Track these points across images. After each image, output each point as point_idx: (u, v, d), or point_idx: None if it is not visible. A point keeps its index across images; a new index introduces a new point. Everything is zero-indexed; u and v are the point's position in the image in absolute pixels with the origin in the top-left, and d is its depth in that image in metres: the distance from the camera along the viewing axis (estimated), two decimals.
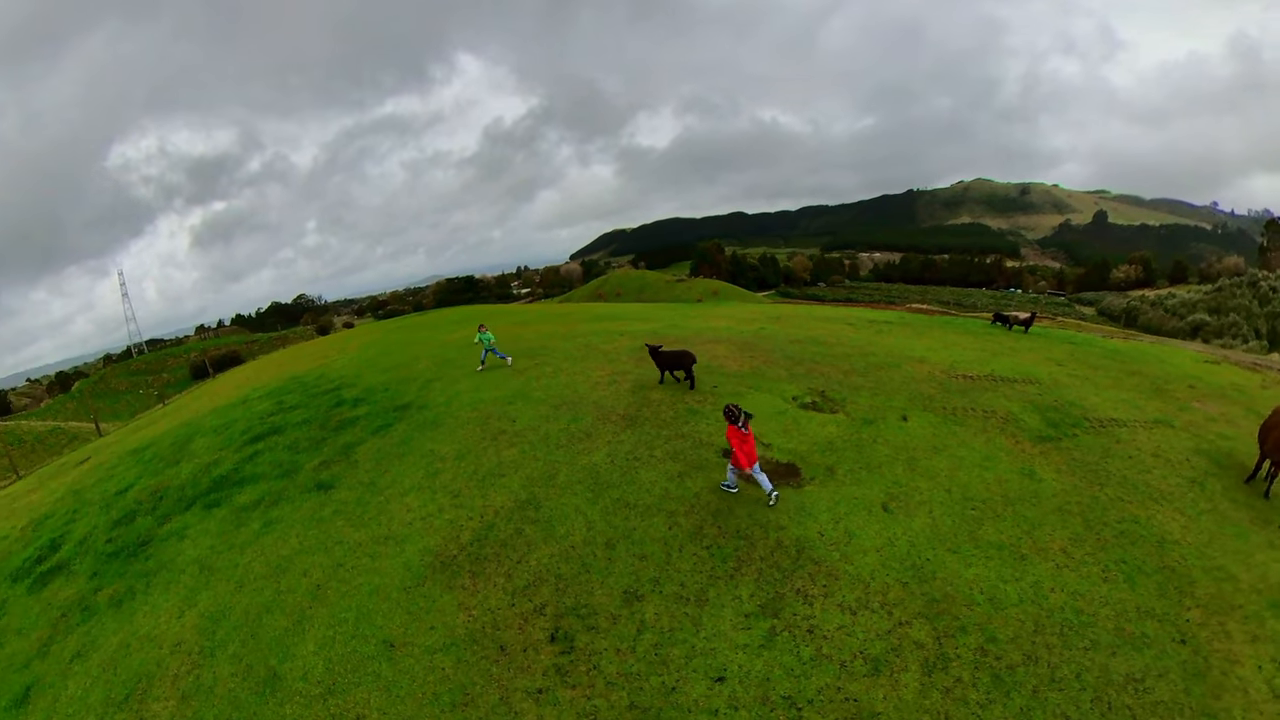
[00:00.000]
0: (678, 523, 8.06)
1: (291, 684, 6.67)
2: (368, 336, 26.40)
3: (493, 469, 9.59)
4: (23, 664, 8.75)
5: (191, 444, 14.72)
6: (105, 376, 77.37)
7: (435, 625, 6.92)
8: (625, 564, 7.46)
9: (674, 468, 9.21)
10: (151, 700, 7.13)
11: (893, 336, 18.49)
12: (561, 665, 6.32)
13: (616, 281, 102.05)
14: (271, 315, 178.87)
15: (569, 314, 25.87)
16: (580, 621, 6.77)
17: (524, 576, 7.43)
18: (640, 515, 8.22)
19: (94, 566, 10.50)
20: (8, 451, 32.68)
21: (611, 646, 6.45)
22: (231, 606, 8.06)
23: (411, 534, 8.45)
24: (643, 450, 9.73)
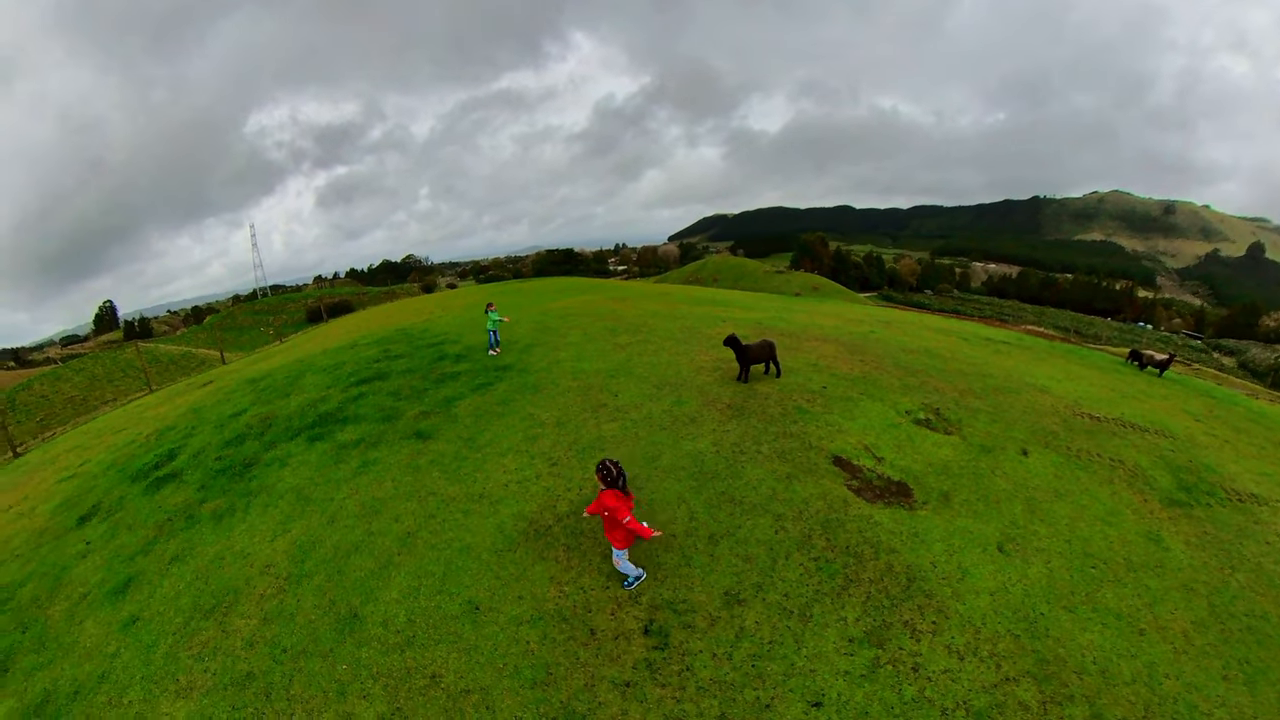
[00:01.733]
0: (785, 528, 7.34)
1: (371, 628, 6.42)
2: (471, 298, 26.71)
3: (593, 441, 9.12)
4: (128, 557, 9.19)
5: (302, 379, 15.17)
6: (232, 313, 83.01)
7: (524, 595, 6.47)
8: (728, 563, 6.82)
9: (782, 468, 8.48)
10: (235, 615, 7.17)
11: (1011, 359, 16.92)
12: (653, 661, 5.77)
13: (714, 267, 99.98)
14: (382, 272, 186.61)
15: (668, 294, 25.13)
16: (677, 617, 6.20)
17: None
18: (746, 513, 7.56)
19: (202, 480, 10.89)
20: (145, 368, 35.54)
21: (708, 649, 5.87)
22: (322, 540, 7.96)
23: (506, 496, 8.07)
24: (749, 444, 9.04)
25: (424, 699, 5.65)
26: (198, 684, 6.52)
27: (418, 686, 5.76)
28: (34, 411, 41.20)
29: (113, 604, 8.34)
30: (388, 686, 5.84)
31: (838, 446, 9.15)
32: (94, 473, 13.85)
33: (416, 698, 5.65)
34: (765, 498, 7.84)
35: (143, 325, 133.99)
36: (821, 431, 9.52)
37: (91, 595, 8.77)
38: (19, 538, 11.84)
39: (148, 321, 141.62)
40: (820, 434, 9.44)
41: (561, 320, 16.85)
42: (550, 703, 5.46)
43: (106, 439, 17.80)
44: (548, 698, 5.48)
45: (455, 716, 5.45)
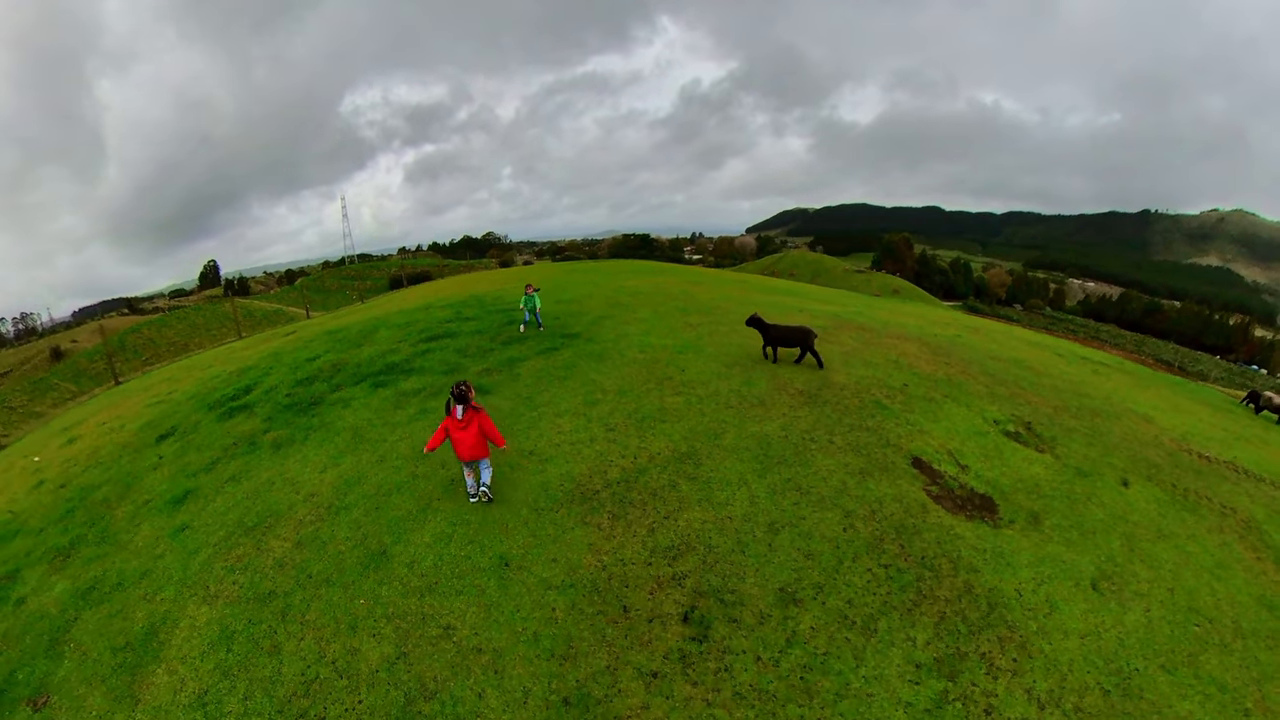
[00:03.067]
0: (854, 526, 6.52)
1: (396, 568, 6.13)
2: (545, 272, 26.64)
3: (654, 412, 8.52)
4: (191, 473, 9.67)
5: (376, 334, 15.43)
6: (321, 277, 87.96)
7: (557, 559, 5.95)
8: (787, 556, 6.05)
9: (856, 462, 7.64)
10: (273, 537, 7.23)
11: (1111, 381, 15.26)
12: (688, 653, 5.09)
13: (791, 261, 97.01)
14: (462, 246, 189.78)
15: (744, 281, 24.37)
16: (723, 608, 5.48)
17: (669, 536, 6.22)
18: (812, 505, 6.77)
19: (270, 412, 11.16)
20: (238, 319, 37.68)
21: (752, 650, 5.14)
22: (368, 476, 7.82)
23: (557, 456, 7.61)
24: (821, 433, 8.23)
25: (432, 648, 5.27)
26: (224, 593, 6.63)
27: (429, 635, 5.39)
28: (141, 351, 44.76)
29: (169, 513, 8.77)
30: (399, 629, 5.53)
31: (917, 447, 8.25)
32: (179, 400, 14.66)
33: (425, 646, 5.29)
34: (835, 491, 7.04)
35: (241, 283, 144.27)
36: (901, 430, 8.63)
37: (153, 503, 9.27)
38: (106, 449, 12.70)
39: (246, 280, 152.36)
40: (899, 432, 8.55)
41: (633, 297, 16.44)
42: (565, 679, 4.90)
43: (195, 373, 18.84)
44: (563, 673, 4.93)
45: (460, 673, 5.02)
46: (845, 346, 11.20)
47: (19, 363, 76.01)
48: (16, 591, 8.33)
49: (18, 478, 14.17)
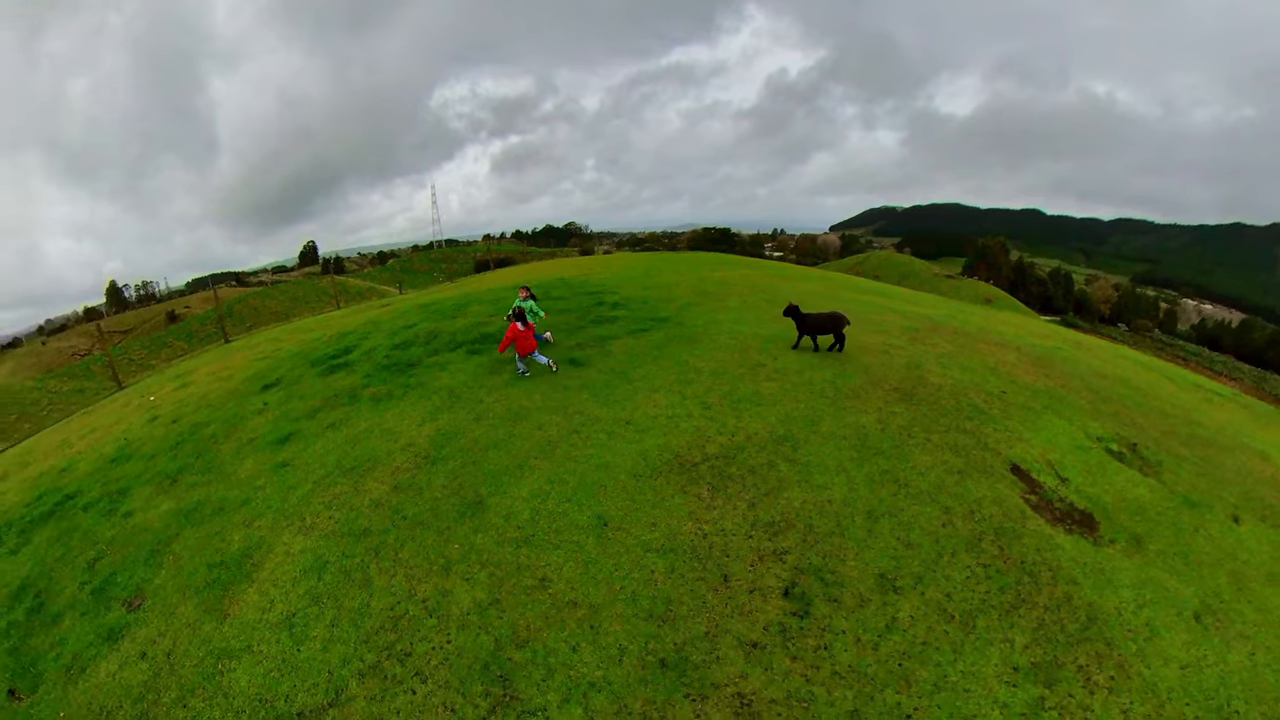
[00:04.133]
0: (953, 523, 6.15)
1: (492, 518, 6.15)
2: (629, 261, 26.68)
3: (749, 395, 8.27)
4: (294, 418, 10.18)
5: (468, 308, 15.78)
6: (411, 259, 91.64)
7: (657, 523, 5.78)
8: (887, 544, 5.76)
9: (954, 461, 7.22)
10: (370, 479, 7.46)
11: (1225, 412, 13.87)
12: (788, 627, 4.87)
13: (877, 262, 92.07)
14: (544, 235, 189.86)
15: (830, 279, 23.54)
16: (823, 587, 5.24)
17: (770, 512, 5.99)
18: (910, 498, 6.43)
19: (369, 370, 11.54)
20: (336, 292, 39.65)
21: (852, 631, 4.90)
22: (465, 431, 7.93)
23: (654, 427, 7.46)
24: (918, 430, 7.81)
25: (527, 598, 5.22)
26: (320, 526, 6.90)
27: (524, 585, 5.34)
28: (246, 318, 48.24)
29: (272, 451, 9.26)
30: (493, 576, 5.51)
31: (1017, 455, 7.73)
32: (283, 357, 15.39)
33: (520, 595, 5.24)
34: (933, 487, 6.68)
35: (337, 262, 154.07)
36: (999, 435, 8.11)
37: (257, 441, 9.82)
38: (215, 394, 13.52)
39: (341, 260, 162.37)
40: (998, 437, 8.04)
41: (720, 287, 16.19)
42: (663, 640, 4.75)
43: (298, 336, 19.68)
44: (660, 634, 4.78)
45: (555, 624, 4.93)
46: (940, 349, 10.63)
47: (139, 323, 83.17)
48: (125, 506, 9.07)
49: (134, 412, 15.32)
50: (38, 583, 8.13)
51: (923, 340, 10.90)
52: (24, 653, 6.97)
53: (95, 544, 8.23)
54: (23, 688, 6.47)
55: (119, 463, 11.19)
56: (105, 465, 11.48)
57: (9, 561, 8.96)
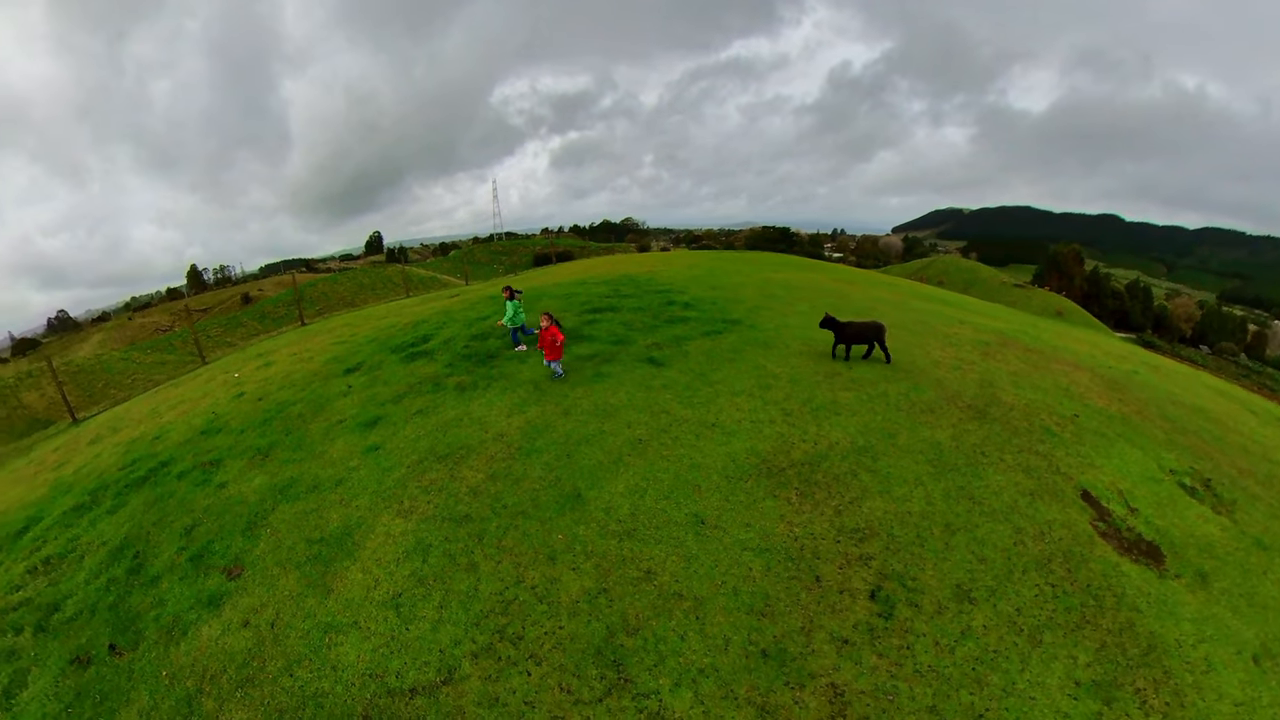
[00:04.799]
0: (1024, 542, 6.30)
1: (593, 511, 6.41)
2: (691, 259, 26.56)
3: (827, 403, 8.41)
4: (380, 403, 10.47)
5: (540, 302, 15.96)
6: (472, 251, 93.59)
7: (751, 524, 6.03)
8: (962, 557, 5.96)
9: (1026, 482, 7.27)
10: (465, 467, 7.71)
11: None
12: (875, 627, 5.15)
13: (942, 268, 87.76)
14: (601, 230, 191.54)
15: (895, 285, 23.21)
16: (905, 593, 5.49)
17: (854, 519, 6.20)
18: (984, 515, 6.58)
19: (450, 359, 11.88)
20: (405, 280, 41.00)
21: (931, 635, 5.16)
22: (555, 426, 8.17)
23: (739, 431, 7.68)
24: (991, 449, 7.85)
25: (634, 589, 5.48)
26: (419, 510, 7.15)
27: (630, 576, 5.59)
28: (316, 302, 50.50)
29: (360, 433, 9.53)
30: (600, 567, 5.76)
31: (1087, 481, 7.74)
32: (360, 342, 15.80)
33: (627, 586, 5.49)
34: (1006, 506, 6.81)
35: (401, 252, 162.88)
36: (1071, 460, 8.11)
37: (345, 423, 10.09)
38: (297, 374, 13.96)
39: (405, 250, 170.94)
40: (1069, 462, 8.05)
41: (786, 290, 16.13)
42: (764, 633, 5.02)
43: (372, 322, 20.25)
44: (762, 628, 5.05)
45: (663, 615, 5.19)
46: (1012, 366, 10.52)
47: (217, 303, 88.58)
48: (218, 477, 9.44)
49: (219, 388, 15.89)
50: (135, 543, 8.43)
51: (994, 356, 10.81)
52: (124, 610, 7.23)
53: (190, 511, 8.57)
54: (123, 644, 6.69)
55: (209, 435, 11.61)
56: (196, 436, 11.90)
57: (108, 521, 9.36)
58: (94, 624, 7.28)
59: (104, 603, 7.50)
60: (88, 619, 7.37)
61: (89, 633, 7.16)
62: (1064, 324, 22.05)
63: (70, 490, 11.23)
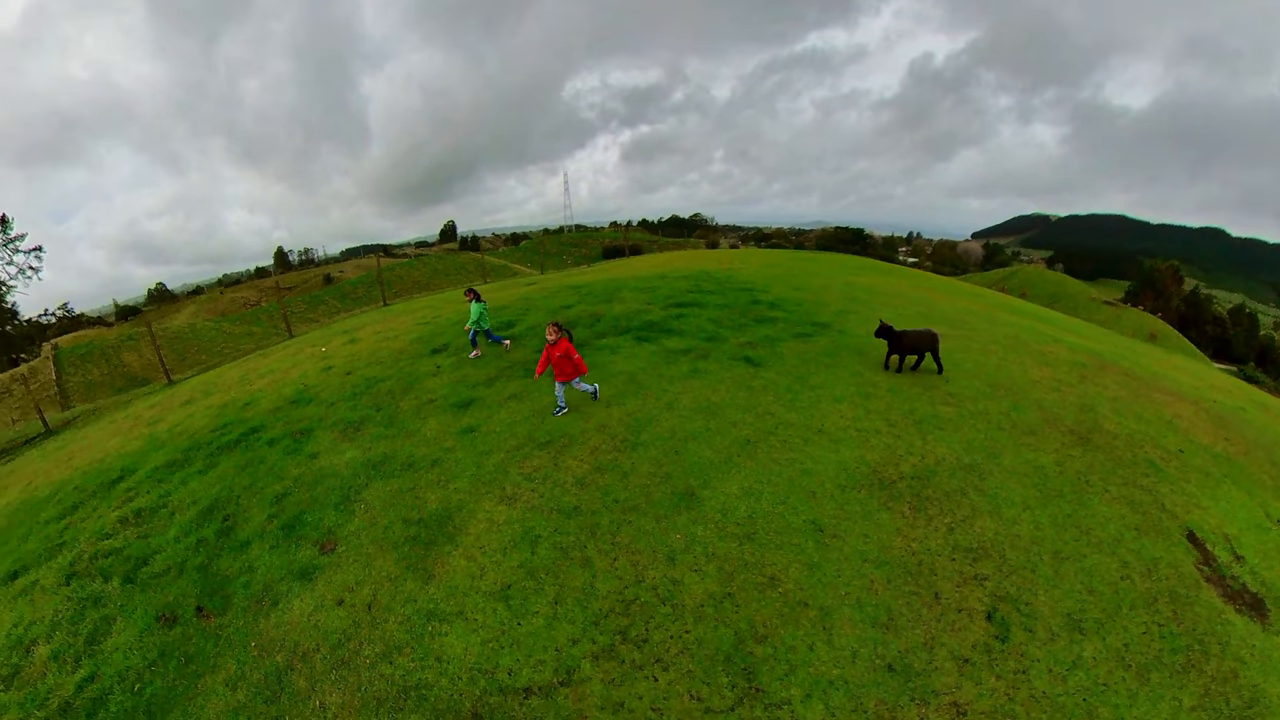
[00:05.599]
0: (1131, 578, 6.11)
1: (709, 511, 6.38)
2: (768, 257, 26.22)
3: (929, 416, 8.25)
4: (471, 385, 10.60)
5: (620, 293, 16.03)
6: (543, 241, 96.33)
7: (869, 535, 6.00)
8: (1072, 586, 5.84)
9: (1132, 517, 7.00)
10: (569, 456, 7.67)
11: None
12: (992, 648, 5.10)
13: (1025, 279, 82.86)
14: (669, 225, 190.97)
15: (980, 295, 22.35)
16: (1020, 616, 5.41)
17: (967, 538, 6.10)
18: (1091, 546, 6.40)
19: (539, 346, 11.86)
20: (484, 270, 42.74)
21: (1045, 662, 5.09)
22: (658, 420, 8.17)
23: (846, 439, 7.59)
24: (1095, 478, 7.56)
25: (759, 595, 5.45)
26: (523, 498, 7.08)
27: (754, 582, 5.57)
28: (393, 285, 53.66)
29: (454, 414, 9.57)
30: (722, 570, 5.71)
31: (1193, 521, 7.41)
32: (444, 324, 16.13)
33: (752, 592, 5.47)
34: (1112, 539, 6.62)
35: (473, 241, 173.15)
36: (1176, 498, 7.76)
37: (437, 402, 10.16)
38: (384, 352, 14.21)
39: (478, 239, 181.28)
40: (1175, 500, 7.71)
41: (870, 295, 15.79)
42: (889, 646, 5.02)
43: (454, 305, 20.57)
44: (886, 640, 5.04)
45: (790, 623, 5.19)
46: (1111, 392, 10.12)
47: (300, 282, 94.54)
48: (309, 447, 9.46)
49: (308, 360, 16.18)
50: (226, 506, 8.42)
51: (1092, 380, 10.49)
52: (213, 572, 7.17)
53: (281, 479, 8.58)
54: (211, 607, 6.62)
55: (299, 405, 11.79)
56: (286, 405, 12.09)
57: (199, 481, 9.46)
58: (181, 583, 7.26)
59: (192, 562, 7.50)
60: (175, 576, 7.36)
61: (176, 591, 7.15)
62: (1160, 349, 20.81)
63: (163, 446, 11.56)
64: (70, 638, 6.83)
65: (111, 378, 44.30)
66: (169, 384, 23.01)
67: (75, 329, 78.32)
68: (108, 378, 44.38)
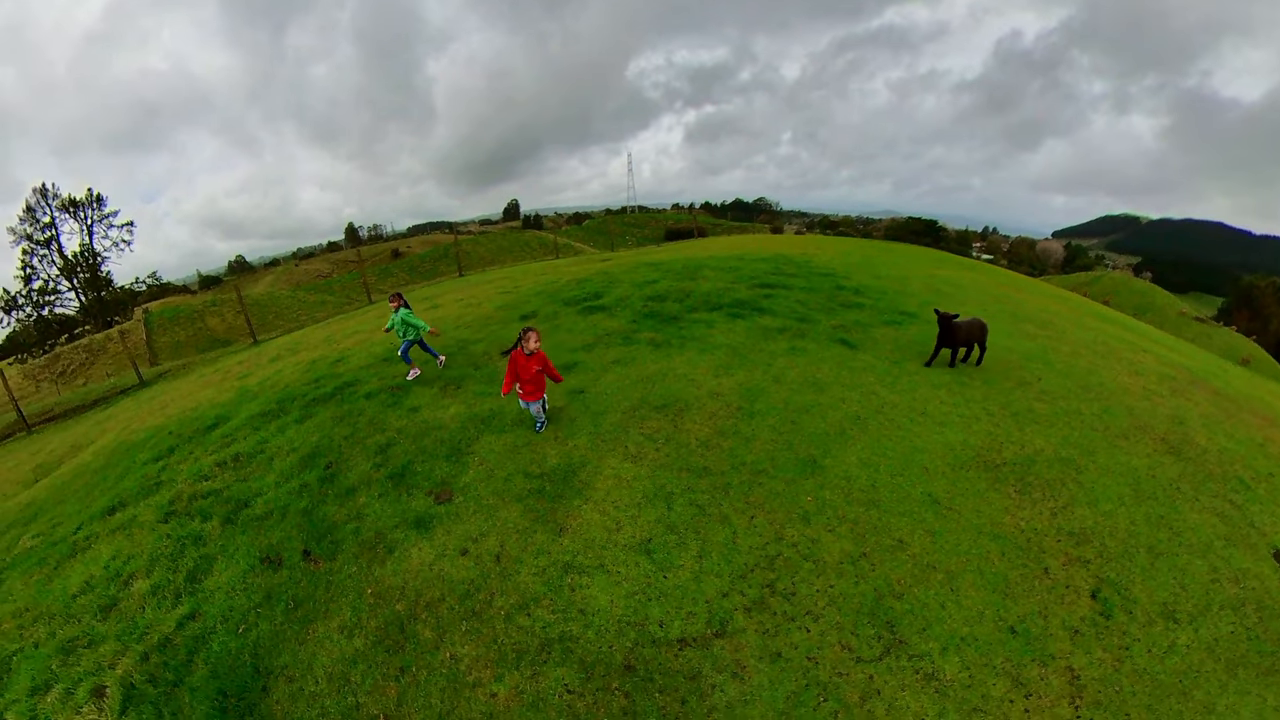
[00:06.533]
0: (1221, 582, 6.33)
1: (832, 478, 6.76)
2: (841, 245, 25.77)
3: (1025, 410, 8.51)
4: (570, 349, 10.71)
5: (701, 271, 16.03)
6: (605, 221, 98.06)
7: (981, 511, 6.39)
8: (1165, 580, 6.12)
9: (1220, 527, 7.17)
10: (687, 419, 7.87)
11: None
12: (1098, 623, 5.43)
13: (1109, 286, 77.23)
14: (733, 208, 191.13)
15: (1065, 299, 21.61)
16: (1120, 599, 5.73)
17: (1070, 523, 6.44)
18: (1183, 547, 6.61)
19: (632, 317, 12.11)
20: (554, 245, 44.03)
21: (1144, 642, 5.44)
22: (770, 391, 8.48)
23: (950, 422, 7.92)
24: (1186, 487, 7.73)
25: (891, 556, 5.83)
26: (648, 457, 7.19)
27: (885, 544, 5.94)
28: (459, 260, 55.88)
29: None
30: (855, 531, 6.06)
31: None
32: (526, 294, 16.39)
33: (884, 553, 5.84)
34: (1203, 544, 6.81)
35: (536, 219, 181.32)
36: (1266, 518, 7.83)
37: None
38: (469, 317, 14.57)
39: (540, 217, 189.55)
40: (1264, 519, 7.79)
41: (953, 288, 15.71)
42: (1009, 611, 5.42)
43: (531, 278, 20.78)
44: (1006, 605, 5.44)
45: (921, 582, 5.61)
46: (1202, 408, 10.08)
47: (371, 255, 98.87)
48: (409, 402, 9.41)
49: None
50: (326, 454, 8.28)
51: (1182, 394, 10.48)
52: (317, 517, 7.03)
53: (383, 431, 8.49)
54: (318, 552, 6.51)
55: (391, 363, 11.79)
56: (377, 363, 12.08)
57: (296, 429, 9.36)
58: (284, 526, 7.12)
59: (295, 507, 7.35)
60: (278, 520, 7.23)
61: (279, 534, 7.01)
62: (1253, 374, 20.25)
63: (256, 398, 11.58)
64: (170, 574, 6.75)
65: (196, 339, 47.31)
66: (255, 343, 24.24)
67: (163, 296, 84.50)
68: (192, 339, 47.43)
